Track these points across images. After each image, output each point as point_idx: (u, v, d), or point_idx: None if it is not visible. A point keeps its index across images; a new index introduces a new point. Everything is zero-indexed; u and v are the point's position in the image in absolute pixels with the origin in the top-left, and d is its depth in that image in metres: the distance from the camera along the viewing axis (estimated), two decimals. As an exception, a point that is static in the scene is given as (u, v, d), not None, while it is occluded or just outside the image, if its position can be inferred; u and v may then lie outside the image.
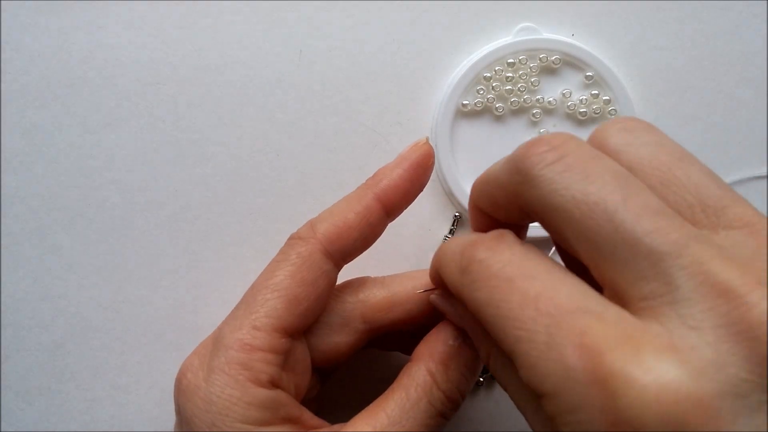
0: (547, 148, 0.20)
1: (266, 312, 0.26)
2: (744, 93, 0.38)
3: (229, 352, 0.25)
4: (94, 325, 0.37)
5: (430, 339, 0.28)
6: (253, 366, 0.25)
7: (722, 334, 0.16)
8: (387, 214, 0.29)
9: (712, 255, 0.17)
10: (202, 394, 0.25)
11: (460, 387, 0.26)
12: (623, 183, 0.19)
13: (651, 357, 0.16)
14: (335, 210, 0.29)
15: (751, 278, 0.17)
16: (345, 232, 0.28)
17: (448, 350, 0.27)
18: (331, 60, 0.37)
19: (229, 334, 0.26)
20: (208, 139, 0.37)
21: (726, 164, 0.38)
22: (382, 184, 0.29)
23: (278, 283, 0.27)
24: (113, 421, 0.37)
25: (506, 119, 0.37)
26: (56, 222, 0.37)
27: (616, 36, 0.37)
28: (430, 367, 0.26)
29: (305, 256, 0.27)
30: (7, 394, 0.37)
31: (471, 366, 0.27)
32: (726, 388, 0.16)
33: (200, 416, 0.25)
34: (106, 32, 0.37)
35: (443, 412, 0.26)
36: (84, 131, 0.37)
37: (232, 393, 0.25)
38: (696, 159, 0.22)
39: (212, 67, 0.37)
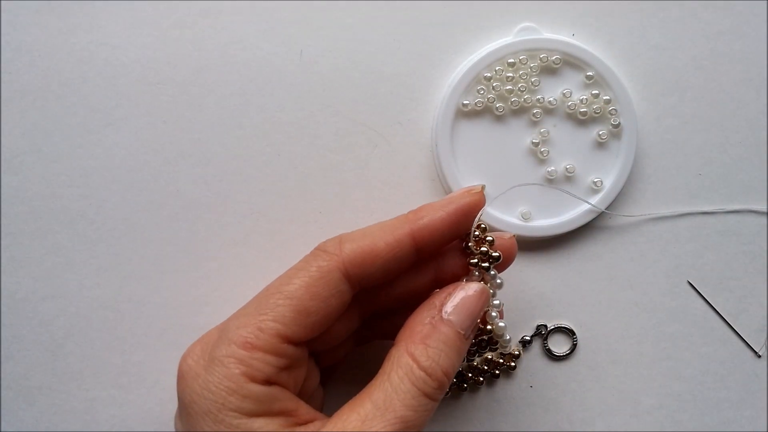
0: None
1: (274, 317, 0.26)
2: (744, 93, 0.38)
3: (231, 347, 0.26)
4: (94, 325, 0.37)
5: (410, 320, 0.28)
6: (251, 364, 0.26)
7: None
8: (417, 251, 0.29)
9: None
10: (201, 381, 0.26)
11: (441, 363, 0.26)
12: None
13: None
14: (367, 233, 0.28)
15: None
16: (370, 259, 0.28)
17: (426, 328, 0.27)
18: (332, 60, 0.37)
19: (235, 329, 0.26)
20: (209, 139, 0.37)
21: (726, 164, 0.38)
22: (422, 222, 0.29)
23: (292, 291, 0.27)
24: (114, 421, 0.37)
25: (506, 119, 0.37)
26: (57, 222, 0.37)
27: (617, 36, 0.38)
28: (408, 347, 0.27)
29: (325, 271, 0.27)
30: (7, 394, 0.37)
31: (451, 343, 0.27)
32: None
33: (198, 402, 0.26)
34: (106, 32, 0.37)
35: (427, 392, 0.26)
36: (84, 131, 0.37)
37: (228, 385, 0.25)
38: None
39: (213, 67, 0.37)
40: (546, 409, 0.37)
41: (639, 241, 0.37)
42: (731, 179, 0.38)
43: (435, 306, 0.28)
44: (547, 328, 0.37)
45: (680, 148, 0.38)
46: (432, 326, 0.27)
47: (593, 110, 0.36)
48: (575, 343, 0.37)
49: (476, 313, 0.28)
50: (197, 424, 0.25)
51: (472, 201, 0.29)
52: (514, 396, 0.37)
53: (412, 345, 0.27)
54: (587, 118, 0.37)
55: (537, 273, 0.37)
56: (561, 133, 0.37)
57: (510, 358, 0.37)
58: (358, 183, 0.37)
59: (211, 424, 0.25)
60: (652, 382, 0.37)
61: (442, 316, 0.27)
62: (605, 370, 0.37)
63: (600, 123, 0.37)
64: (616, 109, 0.36)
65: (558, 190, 0.36)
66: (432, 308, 0.28)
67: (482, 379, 0.37)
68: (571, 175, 0.37)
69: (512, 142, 0.37)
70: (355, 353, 0.35)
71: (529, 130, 0.37)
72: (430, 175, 0.37)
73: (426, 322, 0.27)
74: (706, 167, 0.38)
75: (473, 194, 0.29)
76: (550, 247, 0.38)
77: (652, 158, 0.38)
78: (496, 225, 0.36)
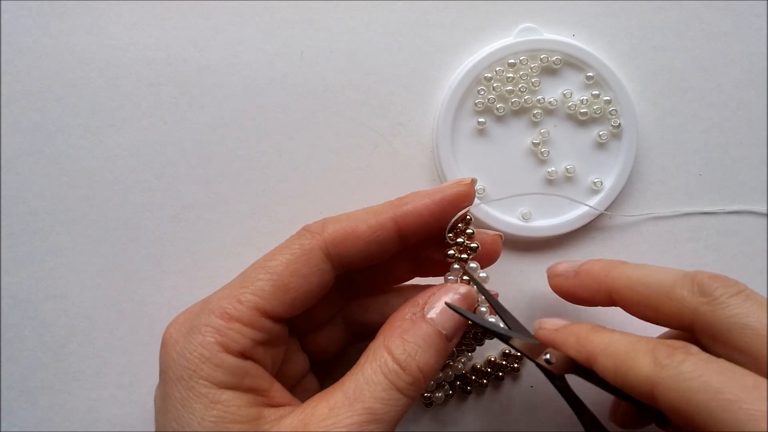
0: (730, 283, 0.26)
1: (254, 290, 0.27)
2: (744, 93, 0.38)
3: (210, 317, 0.26)
4: (96, 325, 0.37)
5: (391, 318, 0.28)
6: (226, 334, 0.26)
7: None
8: (400, 237, 0.29)
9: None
10: (178, 348, 0.26)
11: (417, 359, 0.26)
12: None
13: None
14: (351, 216, 0.29)
15: None
16: (350, 240, 0.28)
17: (405, 324, 0.27)
18: (333, 61, 0.37)
19: (216, 300, 0.27)
20: (210, 140, 0.37)
21: (726, 164, 0.38)
22: (405, 208, 0.29)
23: (273, 266, 0.27)
24: (116, 421, 0.37)
25: (507, 119, 0.37)
26: (58, 222, 0.37)
27: (617, 36, 0.38)
28: (386, 341, 0.27)
29: (306, 249, 0.28)
30: (9, 394, 0.37)
31: (431, 341, 0.27)
32: None
33: (172, 367, 0.26)
34: (107, 33, 0.37)
35: (399, 386, 0.26)
36: (86, 132, 0.37)
37: (202, 352, 0.26)
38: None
39: (214, 68, 0.37)
40: (546, 409, 0.37)
41: (639, 241, 0.38)
42: (731, 179, 0.38)
43: (418, 304, 0.28)
44: (547, 328, 0.37)
45: (680, 148, 0.38)
46: (412, 322, 0.27)
47: (593, 111, 0.37)
48: (575, 342, 0.37)
49: (459, 317, 0.28)
50: (170, 390, 0.26)
51: (459, 192, 0.29)
52: (515, 396, 0.37)
53: (390, 339, 0.27)
54: (587, 119, 0.37)
55: (537, 273, 0.37)
56: (561, 134, 0.37)
57: (514, 360, 0.37)
58: (359, 183, 0.37)
59: (182, 390, 0.25)
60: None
61: (424, 314, 0.28)
62: (605, 370, 0.37)
63: (600, 123, 0.37)
64: (617, 109, 0.36)
65: (557, 196, 0.36)
66: (414, 305, 0.28)
67: (486, 381, 0.37)
68: (571, 176, 0.37)
69: (512, 142, 0.37)
70: (355, 354, 0.35)
71: (530, 130, 0.37)
72: (431, 175, 0.37)
73: (407, 318, 0.28)
74: (706, 167, 0.38)
75: (462, 185, 0.29)
76: (550, 247, 0.38)
77: (652, 158, 0.38)
78: (497, 225, 0.36)
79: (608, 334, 0.27)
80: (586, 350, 0.27)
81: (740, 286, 0.26)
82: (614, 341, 0.26)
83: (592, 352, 0.27)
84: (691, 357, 0.24)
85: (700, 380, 0.23)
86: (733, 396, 0.22)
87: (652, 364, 0.24)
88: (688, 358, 0.24)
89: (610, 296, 0.30)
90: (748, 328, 0.25)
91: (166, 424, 0.26)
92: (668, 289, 0.28)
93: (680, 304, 0.27)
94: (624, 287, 0.29)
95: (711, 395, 0.22)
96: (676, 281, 0.27)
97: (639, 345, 0.25)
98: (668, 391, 0.24)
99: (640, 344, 0.26)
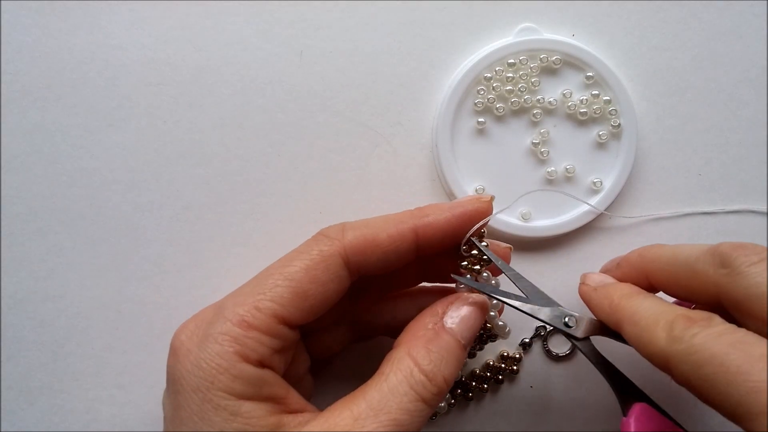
0: (751, 251, 0.25)
1: (272, 297, 0.26)
2: (744, 93, 0.38)
3: (227, 325, 0.26)
4: (95, 325, 0.37)
5: (411, 325, 0.28)
6: (245, 343, 0.25)
7: None
8: (417, 248, 0.29)
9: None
10: (192, 357, 0.25)
11: (442, 369, 0.26)
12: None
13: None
14: (371, 223, 0.29)
15: None
16: (370, 248, 0.28)
17: (428, 334, 0.27)
18: (332, 60, 0.37)
19: (231, 307, 0.26)
20: (209, 140, 0.37)
21: (726, 164, 0.38)
22: (426, 220, 0.29)
23: (292, 273, 0.27)
24: (115, 421, 0.37)
25: (507, 119, 0.37)
26: (57, 222, 0.37)
27: (617, 36, 0.38)
28: (411, 351, 0.26)
29: (326, 255, 0.27)
30: (8, 394, 0.37)
31: (453, 351, 0.27)
32: None
33: (187, 378, 0.25)
34: (107, 33, 0.37)
35: (425, 397, 0.25)
36: (85, 131, 0.37)
37: (220, 363, 0.25)
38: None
39: (213, 67, 0.37)
40: (546, 409, 0.37)
41: (639, 241, 0.37)
42: (731, 179, 0.38)
43: (437, 313, 0.28)
44: (546, 329, 0.37)
45: (680, 148, 0.38)
46: (435, 332, 0.27)
47: (593, 111, 0.37)
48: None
49: (476, 326, 0.28)
50: (185, 402, 0.25)
51: (480, 208, 0.29)
52: (515, 397, 0.37)
53: (415, 349, 0.26)
54: (587, 119, 0.37)
55: (537, 273, 0.37)
56: (561, 134, 0.37)
57: (512, 362, 0.37)
58: (359, 183, 0.37)
59: (199, 402, 0.25)
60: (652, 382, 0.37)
61: (444, 324, 0.27)
62: (605, 370, 0.37)
63: (600, 123, 0.37)
64: (616, 109, 0.36)
65: (561, 193, 0.36)
66: (435, 315, 0.28)
67: (486, 386, 0.37)
68: (571, 176, 0.37)
69: (512, 142, 0.37)
70: (347, 351, 0.35)
71: (529, 130, 0.37)
72: (430, 175, 0.37)
73: (429, 327, 0.27)
74: (706, 167, 0.38)
75: (482, 202, 0.29)
76: (550, 247, 0.38)
77: (652, 158, 0.38)
78: (496, 225, 0.36)
79: (639, 300, 0.27)
80: (616, 316, 0.27)
81: (761, 254, 0.25)
82: (641, 309, 0.26)
83: (620, 320, 0.27)
84: (706, 330, 0.23)
85: (709, 353, 0.22)
86: (736, 368, 0.22)
87: (667, 337, 0.24)
88: (703, 330, 0.23)
89: (649, 281, 0.30)
90: (763, 298, 0.24)
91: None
92: (693, 264, 0.27)
93: (704, 278, 0.26)
94: (656, 269, 0.29)
95: (716, 368, 0.22)
96: (699, 256, 0.27)
97: (662, 315, 0.25)
98: (680, 365, 0.23)
99: (663, 314, 0.25)
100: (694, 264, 0.27)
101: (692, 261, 0.27)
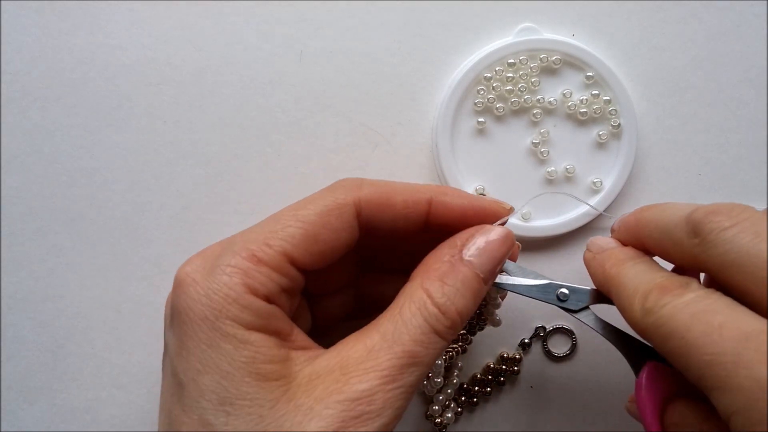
0: (724, 215, 0.23)
1: (283, 236, 0.26)
2: (744, 93, 0.38)
3: (236, 258, 0.25)
4: (95, 325, 0.37)
5: (428, 257, 0.28)
6: (254, 276, 0.25)
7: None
8: (426, 222, 0.29)
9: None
10: (200, 288, 0.25)
11: (456, 303, 0.26)
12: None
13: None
14: (389, 184, 0.29)
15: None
16: (383, 208, 0.28)
17: (444, 267, 0.27)
18: (332, 60, 0.37)
19: (242, 243, 0.26)
20: (209, 140, 0.37)
21: (726, 164, 0.38)
22: (443, 198, 0.29)
23: (305, 215, 0.27)
24: (114, 421, 0.37)
25: (507, 119, 0.37)
26: (57, 222, 0.37)
27: (617, 36, 0.38)
28: (424, 283, 0.26)
29: (340, 203, 0.27)
30: (8, 394, 0.37)
31: (469, 284, 0.26)
32: None
33: (194, 308, 0.25)
34: (106, 33, 0.37)
35: (438, 329, 0.25)
36: (85, 131, 0.37)
37: (228, 293, 0.25)
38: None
39: (213, 67, 0.37)
40: (546, 409, 0.37)
41: (639, 241, 0.37)
42: (731, 179, 0.38)
43: (456, 245, 0.28)
44: (546, 330, 0.37)
45: (680, 148, 0.38)
46: (451, 264, 0.27)
47: (593, 110, 0.37)
48: (575, 343, 0.37)
49: (498, 257, 0.28)
50: (192, 331, 0.25)
51: (497, 210, 0.29)
52: (515, 397, 0.37)
53: (428, 281, 0.26)
54: (587, 119, 0.37)
55: (537, 273, 0.37)
56: (561, 134, 0.37)
57: (512, 363, 0.37)
58: (359, 183, 0.37)
59: (207, 331, 0.24)
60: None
61: (462, 256, 0.27)
62: (605, 370, 0.37)
63: (600, 123, 0.37)
64: (616, 109, 0.36)
65: (569, 196, 0.36)
66: (453, 247, 0.27)
67: (489, 389, 0.37)
68: (571, 176, 0.37)
69: (512, 142, 0.37)
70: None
71: (529, 130, 0.37)
72: (430, 175, 0.37)
73: (445, 260, 0.27)
74: (706, 167, 0.38)
75: (501, 206, 0.29)
76: (550, 247, 0.38)
77: (652, 158, 0.38)
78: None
79: (627, 267, 0.26)
80: (607, 286, 0.27)
81: (735, 218, 0.23)
82: (627, 279, 0.26)
83: (609, 289, 0.26)
84: (676, 300, 0.23)
85: (673, 326, 0.22)
86: (694, 340, 0.21)
87: (641, 309, 0.24)
88: (673, 301, 0.23)
89: (644, 247, 0.29)
90: (736, 265, 0.22)
91: (188, 367, 0.24)
92: (671, 232, 0.25)
93: (681, 249, 0.25)
94: (646, 236, 0.28)
95: (679, 341, 0.22)
96: (678, 222, 0.25)
97: (641, 285, 0.24)
98: (652, 338, 0.23)
99: (642, 284, 0.24)
100: (672, 232, 0.25)
101: (671, 228, 0.26)
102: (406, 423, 0.37)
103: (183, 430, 0.24)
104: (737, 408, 0.20)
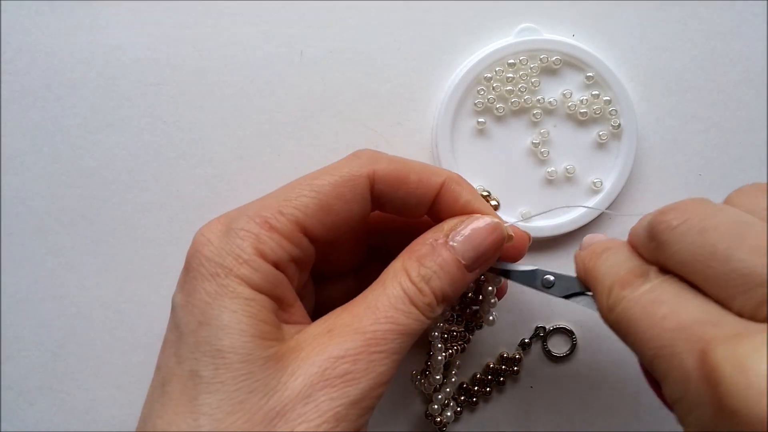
0: (673, 215, 0.22)
1: (297, 205, 0.27)
2: (744, 93, 0.38)
3: (250, 223, 0.26)
4: (95, 326, 0.37)
5: (414, 241, 0.28)
6: (265, 242, 0.26)
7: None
8: (432, 206, 0.29)
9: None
10: (213, 247, 0.26)
11: (431, 284, 0.26)
12: (735, 229, 0.21)
13: (752, 351, 0.18)
14: (405, 162, 0.29)
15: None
16: (397, 184, 0.28)
17: (425, 249, 0.27)
18: (332, 60, 0.37)
19: (255, 209, 0.27)
20: (209, 140, 0.37)
21: (726, 164, 0.38)
22: (456, 188, 0.29)
23: (319, 186, 0.27)
24: (114, 422, 0.37)
25: (507, 119, 0.37)
26: (57, 222, 0.37)
27: (617, 36, 0.37)
28: (405, 263, 0.27)
29: (355, 175, 0.28)
30: (8, 394, 0.37)
31: (448, 268, 0.27)
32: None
33: (206, 265, 0.26)
34: (106, 33, 0.37)
35: (417, 302, 0.26)
36: (85, 131, 0.37)
37: (239, 254, 0.25)
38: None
39: (213, 67, 0.37)
40: (546, 409, 0.37)
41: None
42: (731, 179, 0.38)
43: (442, 230, 0.28)
44: (546, 330, 0.37)
45: (680, 148, 0.38)
46: (432, 248, 0.27)
47: (593, 111, 0.37)
48: (575, 343, 0.37)
49: (484, 246, 0.28)
50: (200, 286, 0.25)
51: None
52: (515, 397, 0.37)
53: (408, 261, 0.27)
54: (587, 119, 0.37)
55: (537, 273, 0.37)
56: (561, 134, 0.37)
57: (512, 363, 0.37)
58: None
59: (215, 286, 0.25)
60: (652, 382, 0.37)
61: (447, 241, 0.27)
62: (605, 370, 0.37)
63: (600, 123, 0.37)
64: (616, 109, 0.36)
65: (589, 209, 0.36)
66: (438, 231, 0.28)
67: (489, 389, 0.37)
68: (571, 176, 0.37)
69: (512, 142, 0.37)
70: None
71: (529, 130, 0.37)
72: (431, 176, 0.37)
73: (428, 243, 0.27)
74: (706, 167, 0.38)
75: (518, 237, 0.30)
76: (550, 247, 0.38)
77: (652, 158, 0.38)
78: (497, 225, 0.36)
79: (602, 259, 0.26)
80: (588, 278, 0.27)
81: (682, 215, 0.22)
82: (599, 274, 0.25)
83: (589, 284, 0.26)
84: (632, 293, 0.22)
85: (627, 321, 0.22)
86: (641, 334, 0.21)
87: (605, 305, 0.24)
88: (629, 294, 0.22)
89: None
90: (687, 264, 0.21)
91: (191, 319, 0.25)
92: (640, 236, 0.25)
93: (647, 254, 0.24)
94: (631, 242, 0.27)
95: (633, 337, 0.22)
96: (644, 226, 0.24)
97: (607, 279, 0.24)
98: (618, 335, 0.23)
99: (608, 278, 0.24)
100: (640, 237, 0.25)
101: (640, 233, 0.25)
102: (406, 422, 0.37)
103: (174, 383, 0.25)
104: (676, 398, 0.20)
